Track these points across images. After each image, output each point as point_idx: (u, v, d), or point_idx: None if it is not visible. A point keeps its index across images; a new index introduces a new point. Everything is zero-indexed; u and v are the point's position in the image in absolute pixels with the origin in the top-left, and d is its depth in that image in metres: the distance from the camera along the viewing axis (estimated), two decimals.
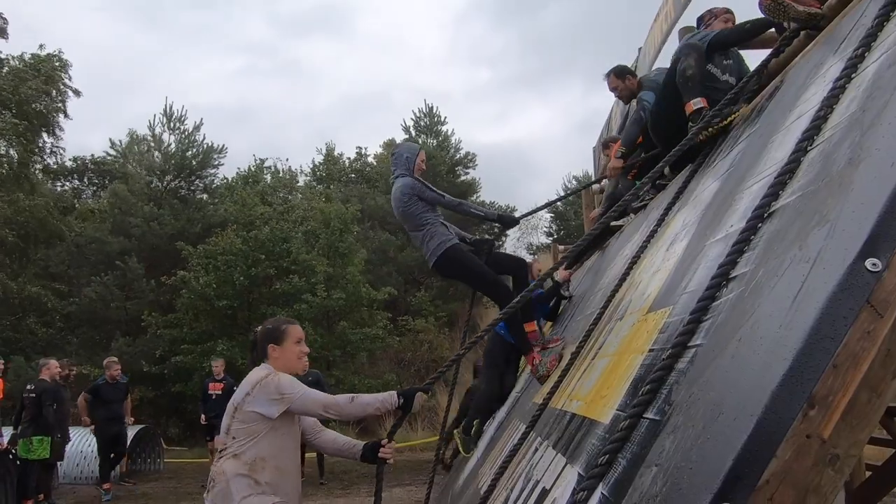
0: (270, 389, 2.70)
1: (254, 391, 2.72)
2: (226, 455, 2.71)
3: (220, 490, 2.64)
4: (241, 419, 2.71)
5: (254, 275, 16.29)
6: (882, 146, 1.30)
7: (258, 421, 2.69)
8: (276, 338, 2.94)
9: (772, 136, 2.38)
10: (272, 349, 2.91)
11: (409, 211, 4.50)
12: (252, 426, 2.69)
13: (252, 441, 2.68)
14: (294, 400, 2.71)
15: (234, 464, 2.66)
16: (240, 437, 2.69)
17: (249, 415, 2.70)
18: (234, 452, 2.68)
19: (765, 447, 1.06)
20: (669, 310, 2.21)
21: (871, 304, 1.10)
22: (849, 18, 2.52)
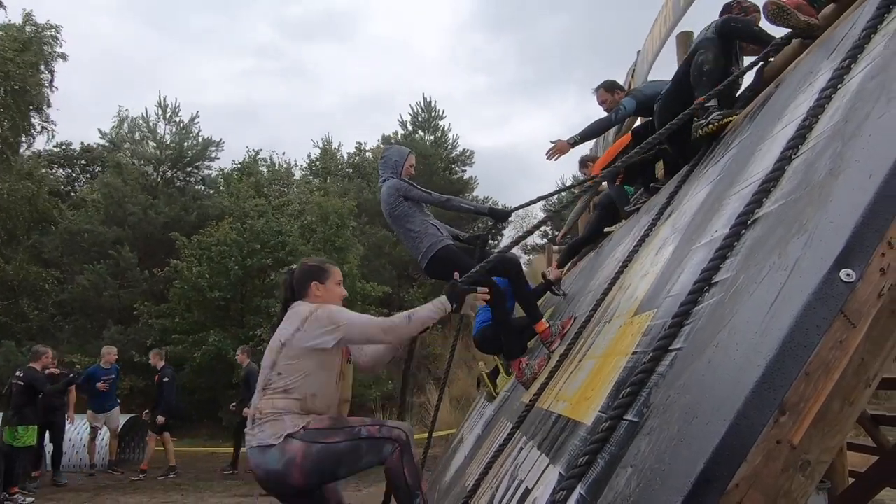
0: (324, 321, 2.63)
1: (305, 325, 2.63)
2: (272, 391, 2.61)
3: (271, 423, 2.54)
4: (291, 355, 2.62)
5: (248, 266, 16.26)
6: (861, 157, 1.32)
7: (309, 356, 2.62)
8: (320, 276, 2.89)
9: (760, 143, 2.40)
10: (315, 287, 2.84)
11: (396, 212, 4.47)
12: (301, 362, 2.61)
13: (302, 377, 2.60)
14: (350, 328, 2.64)
15: (284, 400, 2.58)
16: (288, 373, 2.61)
17: (300, 350, 2.62)
18: (284, 388, 2.60)
19: (736, 452, 1.07)
20: (654, 313, 2.23)
21: (845, 314, 1.12)
22: (841, 29, 2.55)
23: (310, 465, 2.48)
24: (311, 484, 2.56)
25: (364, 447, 2.53)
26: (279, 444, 2.49)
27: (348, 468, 2.56)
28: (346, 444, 2.52)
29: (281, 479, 2.50)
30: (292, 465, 2.47)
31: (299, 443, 2.48)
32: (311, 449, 2.48)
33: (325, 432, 2.52)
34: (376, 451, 2.54)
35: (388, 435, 2.54)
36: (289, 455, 2.47)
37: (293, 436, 2.49)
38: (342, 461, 2.53)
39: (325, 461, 2.50)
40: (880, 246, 1.14)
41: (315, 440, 2.49)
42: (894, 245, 1.15)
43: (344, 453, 2.51)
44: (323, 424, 2.56)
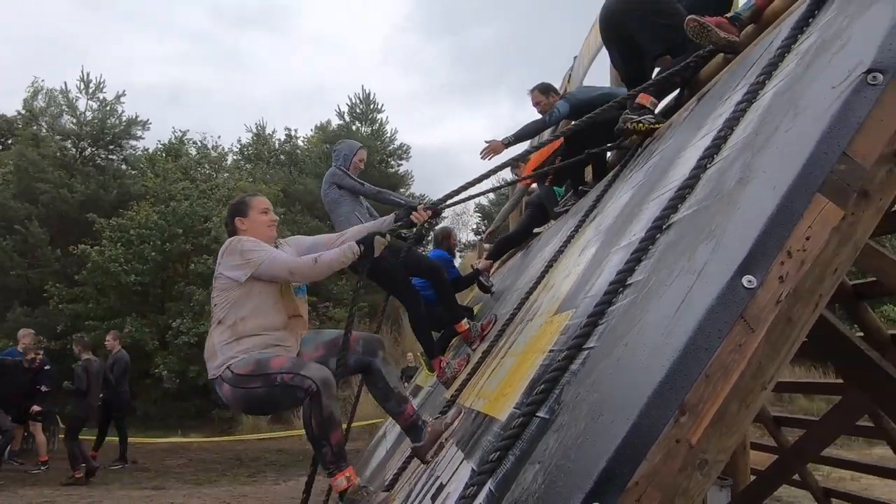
0: (235, 255, 2.78)
1: (223, 258, 2.82)
2: (213, 326, 2.81)
3: (210, 359, 2.77)
4: (219, 287, 2.82)
5: (169, 250, 15.64)
6: (768, 169, 1.37)
7: (233, 285, 2.77)
8: (241, 210, 3.00)
9: (681, 151, 2.48)
10: (240, 222, 2.98)
11: (327, 199, 4.54)
12: (228, 292, 2.78)
13: (230, 305, 2.77)
14: (259, 264, 2.77)
15: (218, 330, 2.76)
16: (219, 304, 2.79)
17: (223, 281, 2.80)
18: (218, 319, 2.79)
19: (637, 450, 1.09)
20: (572, 312, 2.27)
21: (745, 319, 1.16)
22: (759, 47, 2.66)
23: (241, 405, 2.76)
24: (251, 411, 2.85)
25: (278, 393, 2.65)
26: (217, 381, 2.73)
27: (272, 408, 2.84)
28: (263, 390, 2.66)
29: (230, 404, 2.79)
30: (230, 399, 2.73)
31: (227, 385, 2.69)
32: (237, 393, 2.69)
33: (245, 378, 2.68)
34: (291, 397, 2.66)
35: (300, 384, 2.62)
36: (223, 393, 2.73)
37: (223, 377, 2.70)
38: (263, 404, 2.75)
39: (249, 402, 2.74)
40: (780, 255, 1.18)
41: (237, 385, 2.68)
42: (793, 255, 1.20)
43: (263, 398, 2.68)
44: (247, 369, 2.69)
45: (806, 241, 1.20)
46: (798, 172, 1.23)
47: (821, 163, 1.23)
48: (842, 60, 1.46)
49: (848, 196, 1.25)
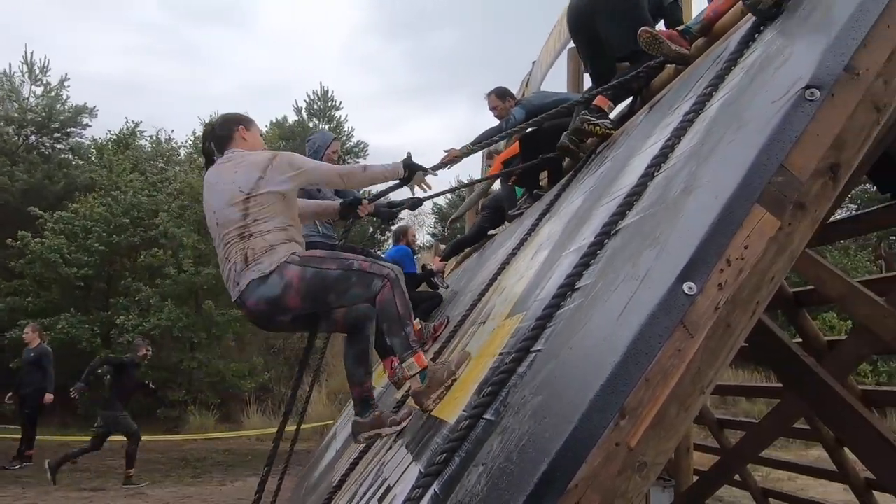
0: (285, 167, 2.74)
1: (267, 173, 2.71)
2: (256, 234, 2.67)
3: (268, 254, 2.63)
4: (260, 202, 2.69)
5: (115, 243, 15.13)
6: (711, 178, 1.41)
7: (277, 198, 2.72)
8: (244, 121, 2.98)
9: (631, 158, 2.53)
10: (243, 130, 2.93)
11: None
12: (273, 206, 2.71)
13: (278, 215, 2.72)
14: (311, 172, 2.82)
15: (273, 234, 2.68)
16: (264, 216, 2.70)
17: (267, 197, 2.70)
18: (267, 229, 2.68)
19: (577, 453, 1.11)
20: (523, 315, 2.29)
21: (684, 325, 1.18)
22: (709, 59, 2.74)
23: (304, 288, 2.61)
24: (305, 307, 2.68)
25: (354, 278, 2.65)
26: (278, 269, 2.61)
27: (337, 296, 2.68)
28: (339, 272, 2.64)
29: (277, 304, 2.63)
30: (290, 288, 2.60)
31: (296, 266, 2.62)
32: (307, 272, 2.61)
33: (319, 259, 2.69)
34: (366, 285, 2.65)
35: (379, 272, 2.67)
36: (287, 278, 2.60)
37: (289, 261, 2.62)
38: (333, 287, 2.65)
39: (318, 285, 2.63)
40: (719, 262, 1.21)
41: (310, 264, 2.64)
42: (732, 263, 1.23)
43: (336, 280, 2.64)
44: (318, 253, 2.74)
45: (744, 250, 1.24)
46: (738, 183, 1.27)
47: (760, 174, 1.27)
48: (783, 76, 1.51)
49: (785, 207, 1.29)
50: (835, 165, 1.39)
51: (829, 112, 1.35)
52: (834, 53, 1.38)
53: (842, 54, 1.38)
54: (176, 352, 15.30)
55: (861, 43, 1.39)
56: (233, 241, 2.68)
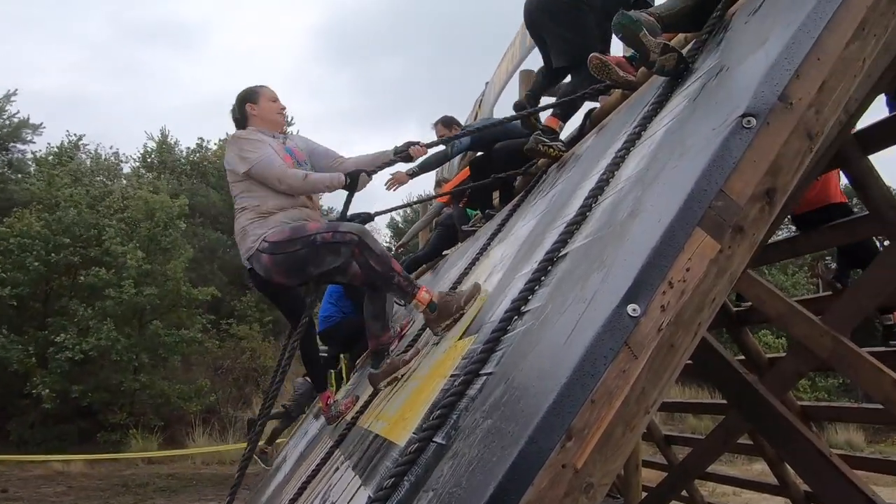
0: (235, 149, 2.95)
1: (228, 149, 2.99)
2: (237, 213, 2.96)
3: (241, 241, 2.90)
4: (230, 180, 2.99)
5: (53, 262, 14.53)
6: (654, 203, 1.44)
7: (239, 178, 2.94)
8: (251, 97, 3.17)
9: (581, 182, 2.58)
10: (251, 108, 3.14)
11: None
12: (238, 184, 2.94)
13: (246, 190, 2.92)
14: (253, 162, 2.90)
15: (244, 215, 2.90)
16: (236, 192, 2.95)
17: (230, 175, 2.98)
18: (240, 207, 2.93)
19: (524, 476, 1.10)
20: (474, 337, 2.29)
21: (629, 346, 1.20)
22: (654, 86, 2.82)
23: (283, 269, 2.82)
24: (292, 281, 2.91)
25: (322, 251, 2.77)
26: (254, 256, 2.84)
27: (315, 266, 2.82)
28: (305, 251, 2.77)
29: (269, 281, 2.89)
30: (270, 271, 2.83)
31: (266, 256, 2.80)
32: (277, 259, 2.80)
33: (284, 244, 2.80)
34: (335, 254, 2.76)
35: (341, 239, 2.75)
36: (263, 264, 2.83)
37: (259, 249, 2.81)
38: (307, 263, 2.80)
39: (292, 265, 2.81)
40: (662, 285, 1.24)
41: (276, 252, 2.79)
42: (674, 285, 1.26)
43: (306, 258, 2.78)
44: (283, 236, 2.82)
45: (686, 273, 1.27)
46: (680, 207, 1.30)
47: (700, 199, 1.31)
48: (722, 104, 1.57)
49: (724, 231, 1.33)
50: (771, 190, 1.45)
51: (764, 139, 1.40)
52: (769, 84, 1.44)
53: (776, 85, 1.44)
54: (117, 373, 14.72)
55: (794, 74, 1.46)
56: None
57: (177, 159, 23.24)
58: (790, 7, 1.66)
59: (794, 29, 1.51)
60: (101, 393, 14.46)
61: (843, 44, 1.50)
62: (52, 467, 12.15)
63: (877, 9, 1.58)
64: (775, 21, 1.67)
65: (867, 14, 1.55)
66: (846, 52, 1.52)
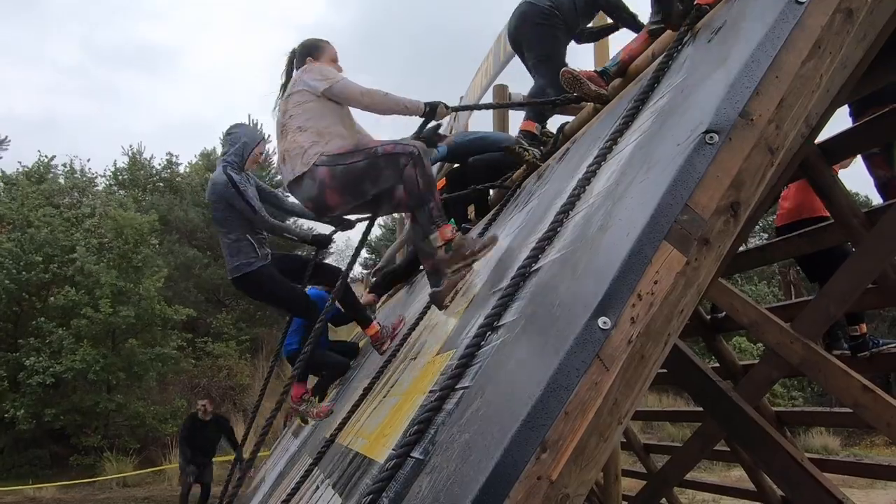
0: (315, 71, 2.99)
1: (303, 75, 2.99)
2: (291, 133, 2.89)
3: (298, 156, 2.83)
4: (297, 101, 2.93)
5: (25, 280, 14.24)
6: (623, 217, 1.48)
7: (310, 99, 2.92)
8: (314, 52, 3.22)
9: (555, 197, 2.62)
10: (310, 61, 3.16)
11: (216, 215, 4.08)
12: (306, 104, 2.92)
13: (311, 114, 2.90)
14: (334, 81, 2.94)
15: (302, 135, 2.86)
16: (298, 114, 2.91)
17: (302, 95, 2.94)
18: (297, 126, 2.88)
19: (500, 489, 1.12)
20: (452, 353, 2.31)
21: (600, 358, 1.23)
22: (625, 100, 2.89)
23: (338, 185, 2.78)
24: (347, 201, 2.86)
25: (382, 163, 2.79)
26: (308, 172, 2.78)
27: (372, 183, 2.83)
28: (365, 162, 2.78)
29: (319, 203, 2.84)
30: (324, 188, 2.78)
31: (324, 168, 2.78)
32: (336, 170, 2.77)
33: (345, 155, 2.81)
34: (394, 165, 2.78)
35: (403, 151, 2.81)
36: (318, 179, 2.78)
37: (317, 164, 2.78)
38: (365, 177, 2.80)
39: (349, 180, 2.79)
40: (631, 297, 1.27)
41: (336, 163, 2.78)
42: (643, 297, 1.29)
43: (365, 170, 2.78)
44: (345, 149, 2.84)
45: (654, 285, 1.30)
46: (647, 222, 1.34)
47: (666, 213, 1.35)
48: (687, 120, 1.62)
49: (690, 243, 1.37)
50: (735, 203, 1.49)
51: (727, 154, 1.45)
52: (730, 101, 1.49)
53: (737, 102, 1.49)
54: (91, 394, 14.43)
55: (754, 91, 1.51)
56: (279, 138, 2.95)
57: (149, 175, 22.99)
58: (749, 27, 1.73)
59: (752, 48, 1.56)
60: (75, 415, 14.16)
61: (799, 62, 1.56)
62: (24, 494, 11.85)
63: (831, 28, 1.65)
64: (735, 40, 1.73)
65: (822, 33, 1.61)
66: (803, 70, 1.58)
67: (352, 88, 2.96)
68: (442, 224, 2.83)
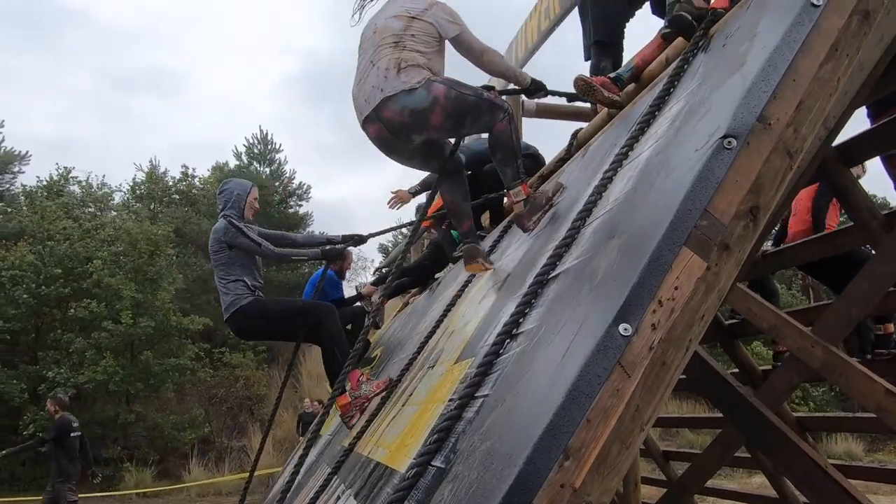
0: (448, 12, 2.95)
1: (432, 8, 2.92)
2: (410, 47, 2.84)
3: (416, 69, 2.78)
4: (421, 27, 2.88)
5: (45, 294, 14.42)
6: (642, 223, 1.48)
7: (433, 33, 2.90)
8: None
9: (572, 205, 2.62)
10: None
11: (214, 258, 4.24)
12: (428, 35, 2.89)
13: (430, 47, 2.88)
14: (463, 29, 2.94)
15: (423, 57, 2.83)
16: (421, 37, 2.87)
17: (428, 26, 2.90)
18: (419, 50, 2.84)
19: (523, 497, 1.12)
20: (471, 361, 2.31)
21: (622, 365, 1.23)
22: (640, 105, 2.88)
23: (449, 106, 2.78)
24: (444, 127, 2.84)
25: (485, 106, 2.85)
26: (426, 84, 2.76)
27: (472, 120, 2.87)
28: (475, 98, 2.83)
29: (420, 117, 2.78)
30: (437, 103, 2.76)
31: (442, 85, 2.79)
32: (451, 93, 2.78)
33: (461, 84, 2.84)
34: (492, 113, 2.84)
35: (502, 105, 2.89)
36: (434, 93, 2.76)
37: (433, 80, 2.79)
38: (468, 112, 2.83)
39: (458, 107, 2.80)
40: (652, 304, 1.27)
41: (454, 87, 2.80)
42: (664, 303, 1.29)
43: (472, 105, 2.83)
44: (456, 80, 2.86)
45: (675, 291, 1.30)
46: (667, 227, 1.34)
47: (686, 219, 1.35)
48: (704, 126, 1.62)
49: (710, 249, 1.36)
50: (754, 208, 1.49)
51: (745, 159, 1.45)
52: (747, 105, 1.49)
53: (754, 106, 1.49)
54: (111, 405, 14.57)
55: (771, 95, 1.51)
56: (386, 45, 2.86)
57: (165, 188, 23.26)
58: (765, 31, 1.72)
59: (769, 52, 1.56)
60: (94, 427, 14.30)
61: (816, 65, 1.56)
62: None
63: (848, 30, 1.64)
64: (751, 44, 1.73)
65: (839, 36, 1.61)
66: (820, 73, 1.57)
67: (473, 41, 3.00)
68: (525, 180, 2.95)
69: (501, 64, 3.06)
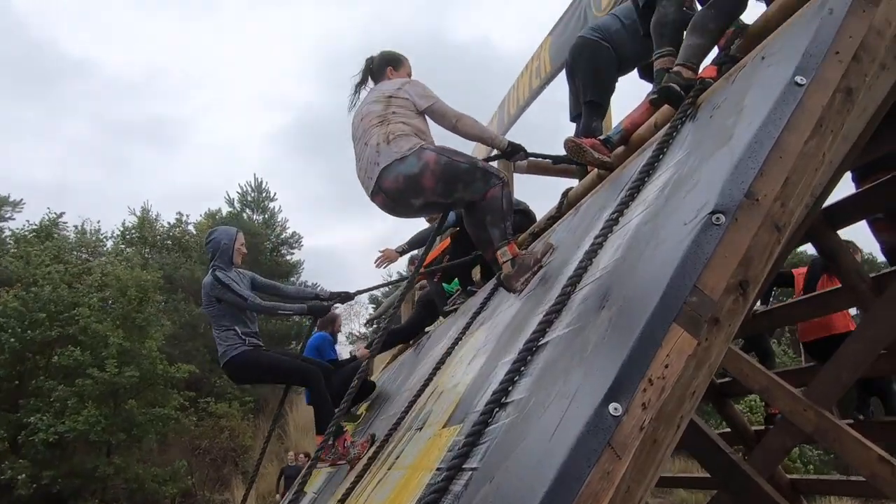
0: (419, 87, 3.16)
1: (405, 86, 3.14)
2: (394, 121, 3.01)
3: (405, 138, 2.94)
4: (400, 104, 3.08)
5: (30, 339, 14.16)
6: (632, 297, 1.47)
7: (411, 107, 3.07)
8: (396, 64, 3.40)
9: (562, 267, 2.62)
10: (390, 71, 3.35)
11: (206, 311, 4.40)
12: (407, 109, 3.06)
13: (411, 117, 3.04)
14: (435, 100, 3.11)
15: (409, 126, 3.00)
16: (402, 112, 3.05)
17: (405, 101, 3.09)
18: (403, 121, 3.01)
19: None
20: (459, 427, 2.26)
21: (612, 446, 1.20)
22: (629, 168, 2.92)
23: (439, 171, 2.89)
24: (437, 190, 2.93)
25: (478, 174, 2.96)
26: (416, 151, 2.90)
27: (464, 186, 2.95)
28: (467, 165, 2.95)
29: (414, 182, 2.90)
30: (427, 169, 2.88)
31: (432, 152, 2.92)
32: (441, 159, 2.90)
33: (451, 151, 2.98)
34: (485, 180, 2.95)
35: (496, 173, 3.01)
36: (423, 160, 2.89)
37: (424, 147, 2.93)
38: (460, 178, 2.93)
39: (449, 173, 2.91)
40: (642, 383, 1.25)
41: (444, 154, 2.93)
42: (654, 382, 1.27)
43: (463, 172, 2.93)
44: (448, 148, 3.00)
45: (665, 369, 1.28)
46: (656, 304, 1.34)
47: (676, 295, 1.34)
48: (693, 199, 1.63)
49: (700, 325, 1.36)
50: (743, 282, 1.49)
51: (734, 235, 1.45)
52: (735, 182, 1.50)
53: (742, 182, 1.50)
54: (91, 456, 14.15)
55: (759, 172, 1.53)
56: (373, 126, 3.04)
57: (157, 234, 23.20)
58: (751, 106, 1.76)
59: (755, 128, 1.59)
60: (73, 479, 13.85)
61: (802, 141, 1.58)
62: None
63: (832, 107, 1.68)
64: (738, 119, 1.76)
65: (823, 113, 1.64)
66: (806, 149, 1.60)
67: (447, 110, 3.14)
68: (512, 240, 3.01)
69: (476, 127, 3.16)
